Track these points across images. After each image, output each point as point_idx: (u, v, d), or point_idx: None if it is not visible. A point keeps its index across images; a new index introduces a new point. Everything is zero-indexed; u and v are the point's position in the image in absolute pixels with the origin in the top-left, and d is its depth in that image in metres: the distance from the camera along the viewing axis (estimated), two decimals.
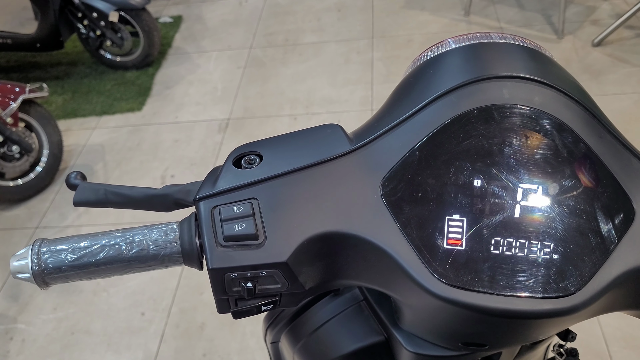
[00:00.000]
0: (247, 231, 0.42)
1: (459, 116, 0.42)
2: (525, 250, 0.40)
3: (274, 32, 3.32)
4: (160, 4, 3.82)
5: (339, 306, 0.59)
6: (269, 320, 0.66)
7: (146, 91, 3.01)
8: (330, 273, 0.45)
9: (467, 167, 0.41)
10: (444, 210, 0.41)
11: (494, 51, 0.47)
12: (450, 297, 0.40)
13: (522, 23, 2.99)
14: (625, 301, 0.43)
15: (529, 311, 0.39)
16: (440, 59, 0.48)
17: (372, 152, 0.44)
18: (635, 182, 0.42)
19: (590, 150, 0.41)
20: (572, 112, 0.42)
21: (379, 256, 0.42)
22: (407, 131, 0.44)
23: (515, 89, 0.43)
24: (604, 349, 1.60)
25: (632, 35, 2.77)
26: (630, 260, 0.40)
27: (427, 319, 0.47)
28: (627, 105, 2.40)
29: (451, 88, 0.43)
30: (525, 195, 0.41)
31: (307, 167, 0.44)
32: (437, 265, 0.40)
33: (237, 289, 0.43)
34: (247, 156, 0.46)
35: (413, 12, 3.25)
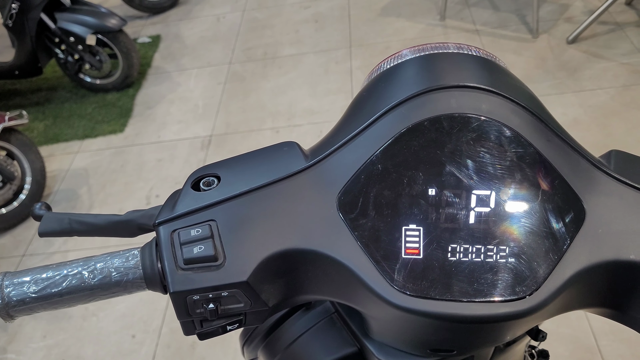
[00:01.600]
0: (206, 253, 0.42)
1: (410, 128, 0.43)
2: (481, 256, 0.41)
3: (252, 46, 3.34)
4: (138, 24, 3.83)
5: (311, 320, 0.59)
6: (245, 338, 0.67)
7: (127, 112, 3.01)
8: (292, 289, 0.46)
9: (421, 177, 0.42)
10: (401, 220, 0.42)
11: (443, 62, 0.47)
12: (408, 306, 0.41)
13: (498, 24, 3.03)
14: (582, 299, 0.44)
15: (486, 316, 0.40)
16: (392, 72, 0.49)
17: (327, 168, 0.45)
18: (584, 183, 0.43)
19: (539, 153, 0.42)
20: (520, 118, 0.43)
21: (339, 270, 0.43)
22: (360, 145, 0.44)
23: (464, 98, 0.43)
24: (593, 343, 1.61)
25: (606, 30, 2.81)
26: (583, 259, 0.41)
27: (391, 329, 0.47)
28: (604, 100, 2.42)
29: (401, 100, 0.44)
30: (478, 202, 0.42)
31: (263, 186, 0.45)
32: (395, 275, 0.41)
33: (200, 310, 0.43)
34: (206, 178, 0.47)
35: (389, 19, 3.27)
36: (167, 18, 3.84)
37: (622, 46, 2.69)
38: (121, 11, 3.94)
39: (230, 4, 3.83)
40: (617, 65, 2.59)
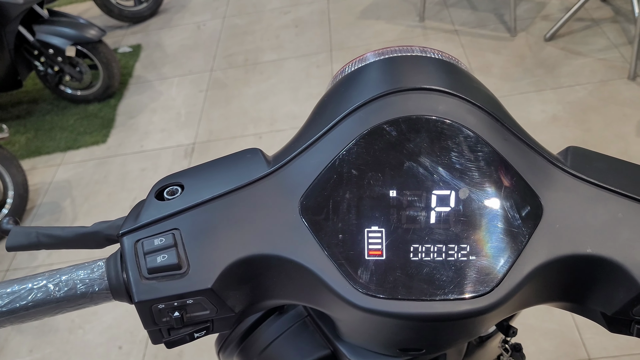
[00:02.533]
0: (170, 262, 0.42)
1: (369, 131, 0.43)
2: (442, 255, 0.42)
3: (233, 53, 3.34)
4: (118, 34, 3.82)
5: (285, 324, 0.60)
6: (220, 344, 0.67)
7: (110, 123, 3.00)
8: (257, 294, 0.46)
9: (381, 179, 0.43)
10: (363, 223, 0.42)
11: (402, 65, 0.48)
12: (371, 307, 0.41)
13: (476, 24, 3.05)
14: (542, 293, 0.45)
15: (447, 314, 0.41)
16: (352, 76, 0.50)
17: (289, 173, 0.45)
18: (541, 179, 0.43)
19: (497, 152, 0.43)
20: (477, 119, 0.44)
21: (302, 273, 0.43)
22: (321, 149, 0.45)
23: (422, 101, 0.44)
24: (577, 337, 1.63)
25: (582, 27, 2.84)
26: (542, 254, 0.42)
27: (359, 330, 0.48)
28: (582, 95, 2.45)
29: (360, 104, 0.45)
30: (439, 202, 0.42)
31: (226, 193, 0.45)
32: (358, 277, 0.41)
33: (166, 319, 0.44)
34: (169, 187, 0.47)
35: (369, 22, 3.29)
36: (148, 27, 3.84)
37: (599, 42, 2.72)
38: (101, 21, 3.93)
39: (211, 11, 3.83)
40: (594, 61, 2.62)
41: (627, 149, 2.14)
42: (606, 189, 0.44)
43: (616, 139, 2.21)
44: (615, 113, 2.32)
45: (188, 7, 3.95)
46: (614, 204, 0.43)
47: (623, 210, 0.43)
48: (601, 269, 0.42)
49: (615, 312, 0.43)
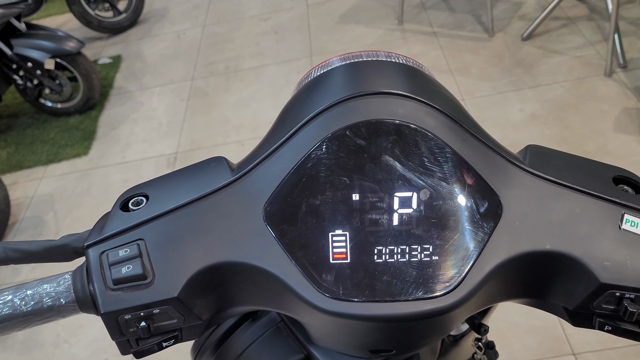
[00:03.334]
0: (135, 272, 0.42)
1: (330, 136, 0.44)
2: (406, 256, 0.42)
3: (214, 61, 3.34)
4: (98, 45, 3.81)
5: (259, 330, 0.60)
6: (196, 351, 0.67)
7: (91, 135, 2.99)
8: (225, 302, 0.46)
9: (344, 183, 0.43)
10: (327, 227, 0.43)
11: (362, 70, 0.49)
12: (336, 310, 0.41)
13: (454, 25, 3.07)
14: (505, 291, 0.45)
15: (410, 314, 0.41)
16: (314, 82, 0.50)
17: (252, 180, 0.46)
18: (500, 178, 0.44)
19: (456, 153, 0.43)
20: (436, 121, 0.44)
21: (268, 279, 0.43)
22: (283, 155, 0.45)
23: (381, 105, 0.45)
24: (561, 333, 1.64)
25: (558, 25, 2.87)
26: (502, 252, 0.42)
27: (328, 333, 0.48)
28: (560, 93, 2.48)
29: (321, 110, 0.45)
30: (401, 204, 0.43)
31: (190, 202, 0.45)
32: (322, 281, 0.42)
33: (133, 329, 0.44)
34: (134, 198, 0.47)
35: (348, 26, 3.31)
36: (127, 38, 3.83)
37: (575, 40, 2.75)
38: (80, 33, 3.91)
39: (190, 20, 3.83)
40: (571, 58, 2.65)
41: (605, 145, 2.17)
42: (564, 185, 0.44)
43: (594, 135, 2.23)
44: (593, 110, 2.35)
45: (167, 17, 3.95)
46: (571, 200, 0.44)
47: (580, 206, 0.44)
48: (561, 264, 0.43)
49: (577, 306, 0.44)
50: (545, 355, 1.60)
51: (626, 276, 0.41)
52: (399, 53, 0.53)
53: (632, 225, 0.43)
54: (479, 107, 2.51)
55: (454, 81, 2.69)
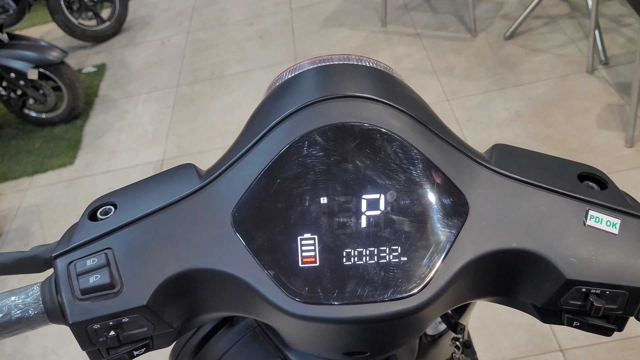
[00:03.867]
0: (102, 281, 0.42)
1: (297, 140, 0.44)
2: (374, 258, 0.42)
3: (199, 67, 3.33)
4: (82, 54, 3.79)
5: (236, 336, 0.60)
6: (173, 358, 0.67)
7: (76, 144, 2.97)
8: (195, 308, 0.46)
9: (311, 187, 0.43)
10: (295, 231, 0.43)
11: (329, 74, 0.49)
12: (305, 314, 0.41)
13: (437, 26, 3.09)
14: (473, 289, 0.46)
15: (379, 315, 0.41)
16: (283, 86, 0.50)
17: (220, 186, 0.46)
18: (467, 178, 0.44)
19: (422, 154, 0.44)
20: (401, 122, 0.45)
21: (237, 285, 0.43)
22: (251, 161, 0.45)
23: (347, 108, 0.45)
24: (548, 329, 1.65)
25: (540, 24, 2.89)
26: (470, 252, 0.43)
27: (300, 337, 0.48)
28: (543, 91, 2.49)
29: (287, 114, 0.45)
30: (369, 206, 0.43)
31: (158, 210, 0.45)
32: (291, 285, 0.42)
33: (102, 339, 0.44)
34: (103, 207, 0.47)
35: (332, 29, 3.31)
36: (112, 46, 3.82)
37: (557, 38, 2.77)
38: (64, 43, 3.90)
39: (174, 27, 3.83)
40: (553, 56, 2.67)
41: (588, 141, 2.19)
42: (529, 183, 0.45)
43: (578, 132, 2.25)
44: (576, 107, 2.37)
45: (151, 24, 3.94)
46: (537, 197, 0.44)
47: (546, 203, 0.44)
48: (527, 261, 0.43)
49: (545, 303, 0.44)
50: (533, 353, 1.61)
51: (591, 272, 0.42)
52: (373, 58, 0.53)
53: (596, 221, 0.43)
54: (464, 106, 2.52)
55: (438, 82, 2.70)
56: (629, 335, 1.60)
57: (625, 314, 0.43)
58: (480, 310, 1.72)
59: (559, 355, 1.59)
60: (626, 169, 2.04)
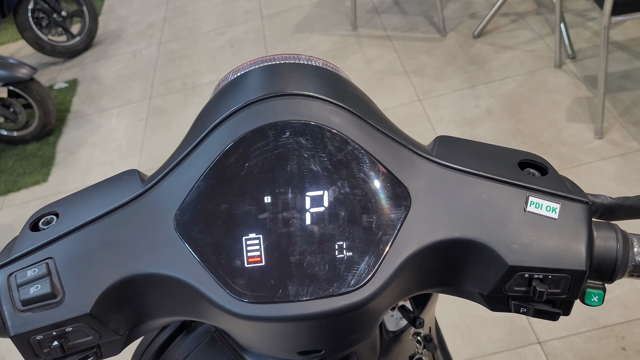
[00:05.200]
0: (43, 291, 0.42)
1: (237, 141, 0.44)
2: (320, 254, 0.42)
3: (171, 78, 3.32)
4: (53, 70, 3.76)
5: (194, 341, 0.59)
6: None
7: (50, 161, 2.94)
8: (142, 314, 0.46)
9: (254, 187, 0.43)
10: (240, 231, 0.43)
11: (268, 73, 0.49)
12: (250, 313, 0.41)
13: (407, 28, 3.11)
14: (420, 281, 0.46)
15: (324, 311, 0.41)
16: (224, 88, 0.50)
17: (162, 190, 0.45)
18: (408, 171, 0.45)
19: (363, 149, 0.44)
20: (341, 119, 0.45)
21: (182, 288, 0.43)
22: (192, 164, 0.45)
23: (285, 106, 0.45)
24: (526, 322, 1.66)
25: (508, 21, 2.92)
26: (413, 243, 0.43)
27: (252, 338, 0.48)
28: (513, 87, 2.52)
29: (227, 115, 0.45)
30: (313, 203, 0.43)
31: (99, 217, 0.45)
32: (236, 285, 0.42)
33: (46, 349, 0.43)
34: (44, 217, 0.47)
35: (303, 35, 3.32)
36: (83, 61, 3.78)
37: (525, 34, 2.80)
38: (35, 59, 3.87)
39: (145, 39, 3.81)
40: (521, 53, 2.70)
41: (559, 135, 2.21)
42: (470, 173, 0.45)
43: (548, 126, 2.27)
44: (546, 101, 2.39)
45: (122, 37, 3.92)
46: (478, 186, 0.45)
47: (487, 192, 0.44)
48: (471, 250, 0.43)
49: (490, 290, 0.44)
50: (512, 346, 1.62)
51: (533, 257, 0.42)
52: (322, 59, 0.54)
53: (536, 207, 0.44)
54: (436, 106, 2.54)
55: (410, 82, 2.72)
56: (606, 324, 1.62)
57: (570, 298, 0.44)
58: (459, 307, 1.72)
59: (537, 347, 1.60)
60: (597, 160, 2.06)
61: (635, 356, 1.53)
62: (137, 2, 4.33)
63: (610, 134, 2.16)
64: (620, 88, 2.33)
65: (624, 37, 2.59)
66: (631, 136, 2.13)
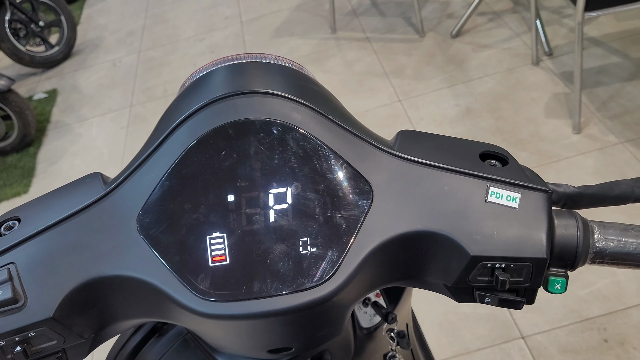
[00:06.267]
0: (5, 297, 0.41)
1: (199, 140, 0.44)
2: (284, 251, 0.42)
3: (151, 86, 3.31)
4: (32, 81, 3.73)
5: (166, 344, 0.59)
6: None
7: (30, 172, 2.92)
8: (107, 317, 0.46)
9: (217, 186, 0.43)
10: (203, 231, 0.43)
11: (228, 73, 0.49)
12: (213, 312, 0.41)
13: (386, 29, 3.12)
14: (384, 274, 0.46)
15: (288, 308, 0.41)
16: (186, 89, 0.50)
17: (124, 192, 0.45)
18: (370, 165, 0.45)
19: (325, 145, 0.44)
20: (302, 115, 0.45)
21: (146, 289, 0.43)
22: (153, 165, 0.45)
23: (246, 104, 0.45)
24: (509, 317, 1.67)
25: (485, 20, 2.95)
26: (376, 237, 0.43)
27: (220, 338, 0.48)
28: (491, 85, 2.54)
29: (187, 115, 0.45)
30: (276, 200, 0.43)
31: (61, 220, 0.45)
32: (200, 284, 0.42)
33: (10, 355, 0.43)
34: (6, 222, 0.46)
35: (283, 39, 3.32)
36: (62, 71, 3.76)
37: (502, 33, 2.83)
38: (13, 70, 3.84)
39: (125, 48, 3.79)
40: (499, 51, 2.72)
41: (537, 131, 2.23)
42: (432, 165, 0.45)
43: (527, 122, 2.29)
44: (524, 98, 2.42)
45: (102, 46, 3.90)
46: (439, 179, 0.45)
47: (448, 184, 0.45)
48: (434, 242, 0.44)
49: (454, 281, 0.44)
50: (496, 342, 1.62)
51: (494, 247, 0.42)
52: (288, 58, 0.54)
53: (497, 197, 0.44)
54: (416, 106, 2.55)
55: (390, 83, 2.73)
56: (588, 317, 1.63)
57: (533, 286, 0.44)
58: (442, 305, 1.73)
59: (521, 342, 1.61)
60: (575, 154, 2.08)
61: (617, 347, 1.55)
62: (116, 10, 4.31)
63: (587, 129, 2.18)
64: (597, 83, 2.36)
65: (599, 33, 2.62)
66: (608, 130, 2.15)
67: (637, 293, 1.65)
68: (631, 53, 2.47)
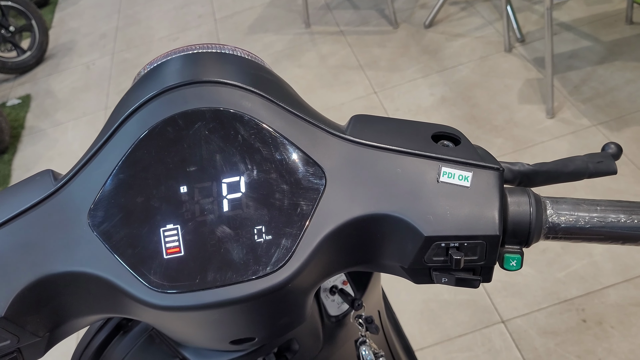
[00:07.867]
0: None
1: (149, 131, 0.43)
2: (239, 240, 0.42)
3: (126, 87, 3.28)
4: (5, 87, 3.68)
5: (131, 342, 0.59)
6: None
7: (6, 179, 2.88)
8: (62, 314, 0.45)
9: (169, 177, 0.43)
10: (156, 223, 0.42)
11: (178, 63, 0.48)
12: (168, 304, 0.41)
13: (360, 22, 3.13)
14: (340, 260, 0.46)
15: (241, 296, 0.41)
16: (136, 83, 0.50)
17: (75, 187, 0.45)
18: (322, 150, 0.45)
19: (276, 132, 0.44)
20: (252, 103, 0.45)
21: (100, 285, 0.42)
22: (104, 158, 0.44)
23: (195, 94, 0.45)
24: (489, 302, 1.68)
25: (457, 10, 2.96)
26: (330, 222, 0.43)
27: (180, 331, 0.48)
28: (465, 74, 2.55)
29: (134, 108, 0.45)
30: (229, 189, 0.43)
31: (10, 219, 0.44)
32: (154, 277, 0.41)
33: None
34: None
35: (257, 36, 3.31)
36: (35, 76, 3.72)
37: (475, 21, 2.84)
38: None
39: (98, 50, 3.75)
40: (472, 39, 2.73)
41: (512, 117, 2.25)
42: (384, 148, 0.45)
43: (501, 109, 2.31)
44: (497, 85, 2.43)
45: (75, 49, 3.86)
46: (392, 161, 0.45)
47: (401, 166, 0.45)
48: (388, 225, 0.44)
49: (411, 263, 0.44)
50: (477, 327, 1.64)
51: (447, 226, 0.43)
52: (246, 49, 0.53)
53: (449, 176, 0.44)
54: (391, 97, 2.56)
55: (365, 76, 2.73)
56: (567, 298, 1.65)
57: (488, 264, 0.44)
58: (422, 293, 1.74)
59: (501, 326, 1.62)
60: (549, 139, 2.10)
61: (596, 327, 1.57)
62: (88, 13, 4.27)
63: (561, 113, 2.20)
64: (569, 67, 2.38)
65: (570, 18, 2.65)
66: (581, 114, 2.17)
67: (613, 273, 1.67)
68: (601, 37, 2.49)
